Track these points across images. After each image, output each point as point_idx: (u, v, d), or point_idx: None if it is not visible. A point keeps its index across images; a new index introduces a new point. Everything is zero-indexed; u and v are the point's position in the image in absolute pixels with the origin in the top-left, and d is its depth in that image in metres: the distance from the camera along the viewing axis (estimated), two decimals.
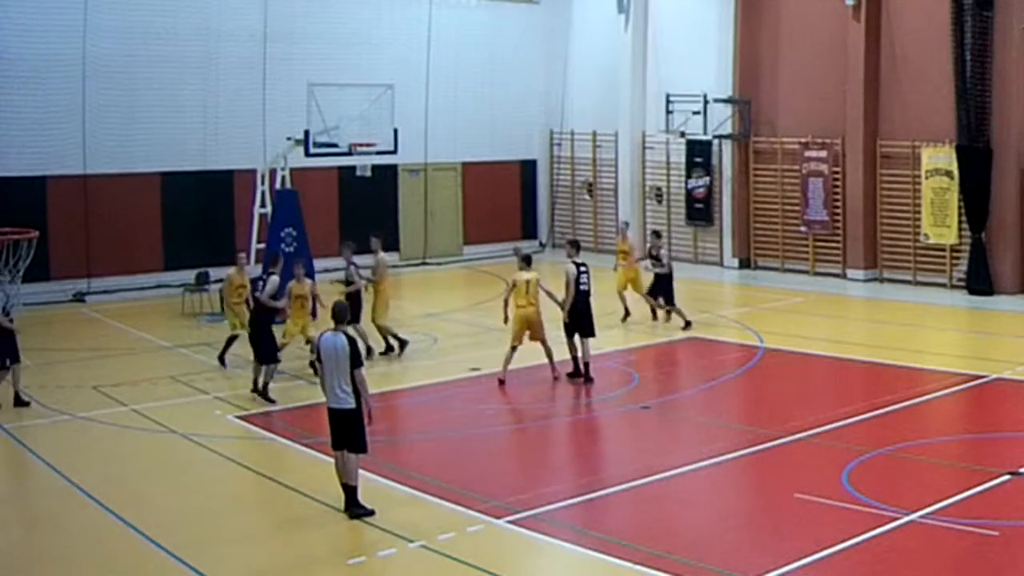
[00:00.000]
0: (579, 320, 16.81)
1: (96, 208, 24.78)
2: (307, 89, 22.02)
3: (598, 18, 31.07)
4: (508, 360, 16.67)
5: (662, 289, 21.00)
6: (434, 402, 16.30)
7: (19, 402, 15.67)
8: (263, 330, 16.14)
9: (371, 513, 11.19)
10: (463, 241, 31.26)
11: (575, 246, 17.65)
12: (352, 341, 11.33)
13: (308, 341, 16.73)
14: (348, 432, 11.31)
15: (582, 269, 16.91)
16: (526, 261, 17.07)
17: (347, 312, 11.74)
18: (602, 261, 30.47)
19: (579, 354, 16.79)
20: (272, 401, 15.76)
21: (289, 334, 17.17)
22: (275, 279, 16.45)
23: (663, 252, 21.07)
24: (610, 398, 16.03)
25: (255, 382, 16.05)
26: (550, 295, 16.97)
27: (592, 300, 17.10)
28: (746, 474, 12.95)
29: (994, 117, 23.44)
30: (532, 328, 16.77)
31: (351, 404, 11.26)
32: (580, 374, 16.78)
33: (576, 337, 16.81)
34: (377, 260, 18.74)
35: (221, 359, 18.05)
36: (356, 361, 11.22)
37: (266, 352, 16.03)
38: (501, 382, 16.61)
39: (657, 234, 22.30)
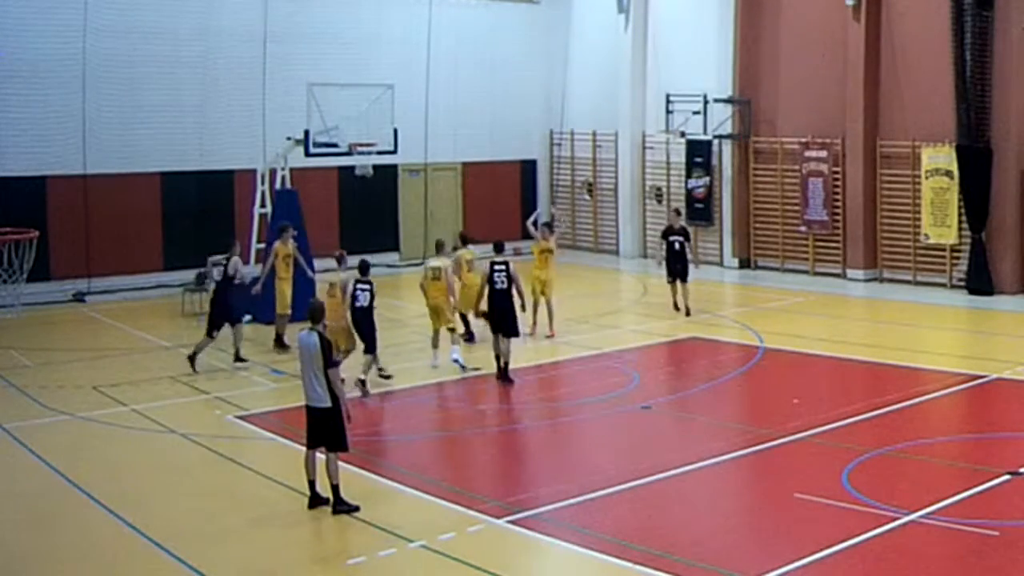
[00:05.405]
0: (500, 319, 16.65)
1: (96, 208, 24.76)
2: (307, 89, 22.05)
3: (598, 18, 31.06)
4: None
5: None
6: (433, 402, 16.32)
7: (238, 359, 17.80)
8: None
9: (356, 508, 11.23)
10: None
11: (439, 247, 18.32)
12: (324, 340, 11.39)
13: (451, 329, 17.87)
14: (325, 431, 11.41)
15: (497, 267, 16.74)
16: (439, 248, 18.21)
17: (322, 311, 11.81)
18: (601, 261, 30.63)
19: (500, 353, 16.55)
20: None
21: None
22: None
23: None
24: (610, 398, 16.02)
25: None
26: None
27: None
28: (746, 474, 12.94)
29: (994, 117, 23.42)
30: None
31: (327, 403, 11.36)
32: (500, 375, 16.62)
33: (499, 337, 16.61)
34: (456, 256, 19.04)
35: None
36: (328, 360, 11.29)
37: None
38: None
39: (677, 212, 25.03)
